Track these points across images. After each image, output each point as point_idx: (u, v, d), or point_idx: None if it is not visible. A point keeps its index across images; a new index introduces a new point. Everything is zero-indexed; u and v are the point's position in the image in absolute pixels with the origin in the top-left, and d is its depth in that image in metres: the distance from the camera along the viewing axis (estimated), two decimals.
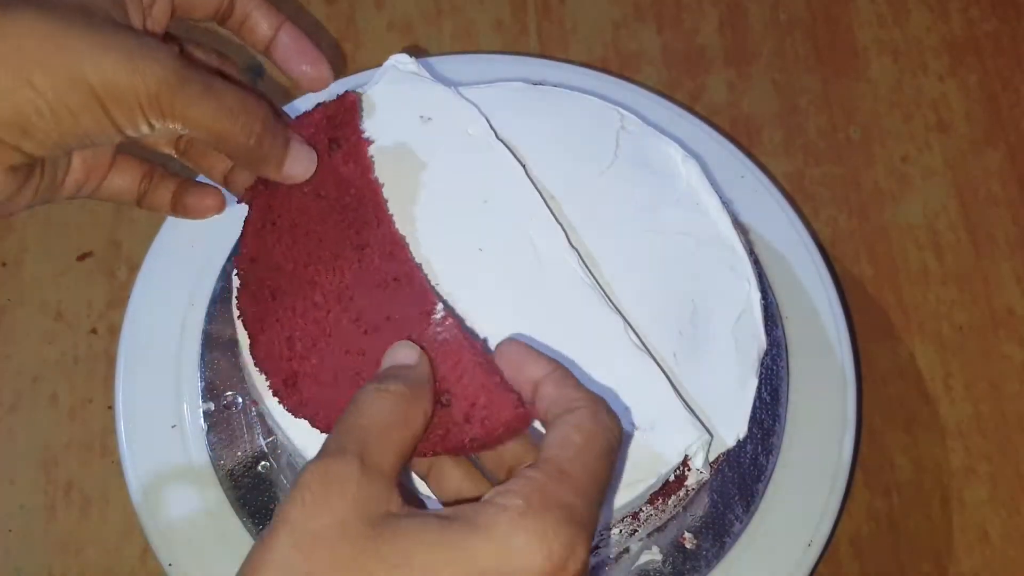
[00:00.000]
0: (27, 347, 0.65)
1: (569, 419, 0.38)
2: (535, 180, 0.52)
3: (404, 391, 0.39)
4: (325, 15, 0.76)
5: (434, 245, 0.50)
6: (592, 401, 0.39)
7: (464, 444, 0.42)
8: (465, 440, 0.42)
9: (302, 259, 0.48)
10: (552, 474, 0.36)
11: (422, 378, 0.41)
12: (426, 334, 0.45)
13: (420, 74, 0.55)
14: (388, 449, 0.37)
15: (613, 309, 0.49)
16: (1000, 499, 0.64)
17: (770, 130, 0.73)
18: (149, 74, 0.40)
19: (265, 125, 0.45)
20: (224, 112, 0.43)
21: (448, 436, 0.42)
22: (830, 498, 0.57)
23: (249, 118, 0.44)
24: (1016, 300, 0.69)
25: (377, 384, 0.39)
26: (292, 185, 0.49)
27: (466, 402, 0.42)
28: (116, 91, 0.40)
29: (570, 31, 0.76)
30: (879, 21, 0.77)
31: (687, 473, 0.48)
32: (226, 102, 0.43)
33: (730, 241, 0.54)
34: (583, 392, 0.39)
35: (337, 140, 0.50)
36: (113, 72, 0.39)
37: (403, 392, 0.39)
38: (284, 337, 0.47)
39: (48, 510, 0.61)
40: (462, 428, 0.42)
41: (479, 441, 0.42)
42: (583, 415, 0.38)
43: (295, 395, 0.46)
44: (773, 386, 0.58)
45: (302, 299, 0.47)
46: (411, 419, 0.39)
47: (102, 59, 0.39)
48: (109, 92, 0.40)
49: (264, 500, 0.55)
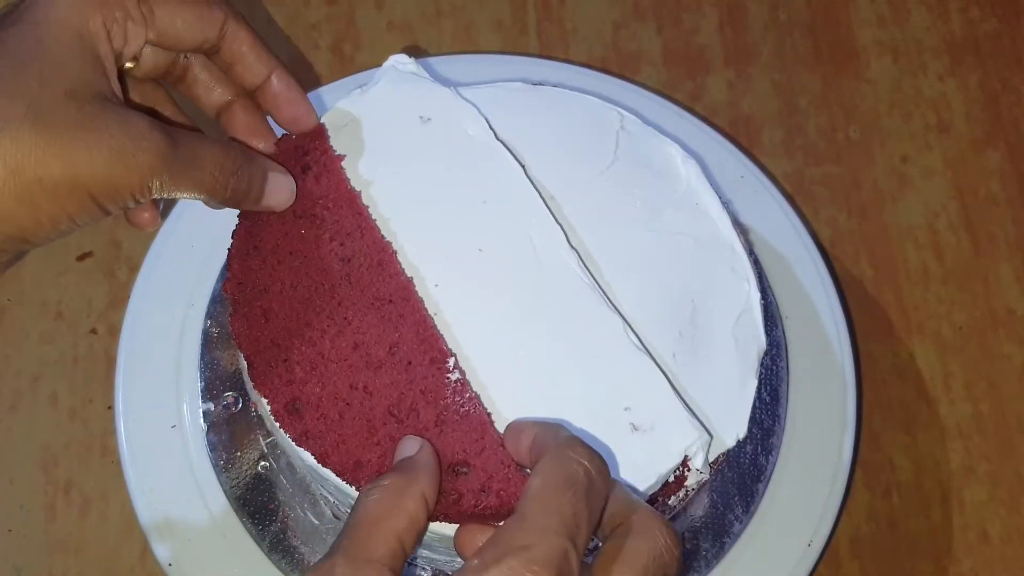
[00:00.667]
0: (27, 347, 0.65)
1: (536, 468, 0.39)
2: (535, 180, 0.52)
3: (397, 482, 0.40)
4: (325, 15, 0.76)
5: (433, 245, 0.50)
6: (558, 443, 0.40)
7: (476, 511, 0.43)
8: (478, 507, 0.43)
9: (289, 279, 0.48)
10: (510, 523, 0.37)
11: (420, 465, 0.42)
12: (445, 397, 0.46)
13: (420, 74, 0.55)
14: (377, 539, 0.38)
15: (613, 309, 0.49)
16: (1000, 499, 0.64)
17: (770, 130, 0.73)
18: (141, 166, 0.41)
19: (242, 171, 0.46)
20: (207, 176, 0.44)
21: (460, 501, 0.43)
22: (830, 498, 0.57)
23: (227, 172, 0.45)
24: (1016, 300, 0.69)
25: (372, 483, 0.40)
26: None
27: (484, 474, 0.44)
28: (111, 189, 0.41)
29: (570, 31, 0.76)
30: (879, 21, 0.77)
31: (687, 473, 0.48)
32: (207, 166, 0.44)
33: (730, 241, 0.53)
34: (554, 439, 0.41)
35: (308, 164, 0.51)
36: (107, 172, 0.40)
37: (395, 483, 0.40)
38: (281, 360, 0.47)
39: (48, 510, 0.61)
40: (476, 496, 0.43)
41: (492, 509, 0.43)
42: (545, 460, 0.39)
43: (298, 424, 0.46)
44: (773, 386, 0.58)
45: (295, 320, 0.48)
46: (404, 507, 0.39)
47: (96, 160, 0.40)
48: (104, 191, 0.40)
49: (264, 500, 0.55)
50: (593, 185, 0.54)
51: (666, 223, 0.53)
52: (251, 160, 0.46)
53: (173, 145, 0.42)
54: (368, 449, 0.45)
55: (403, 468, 0.42)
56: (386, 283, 0.48)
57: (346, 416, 0.46)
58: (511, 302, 0.49)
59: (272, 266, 0.49)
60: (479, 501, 0.43)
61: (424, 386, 0.46)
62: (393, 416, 0.46)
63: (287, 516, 0.55)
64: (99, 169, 0.40)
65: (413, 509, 0.40)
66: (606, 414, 0.47)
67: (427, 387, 0.46)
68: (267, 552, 0.54)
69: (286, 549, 0.54)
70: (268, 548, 0.54)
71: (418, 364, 0.47)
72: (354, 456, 0.45)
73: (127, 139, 0.40)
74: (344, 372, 0.47)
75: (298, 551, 0.54)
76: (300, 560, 0.54)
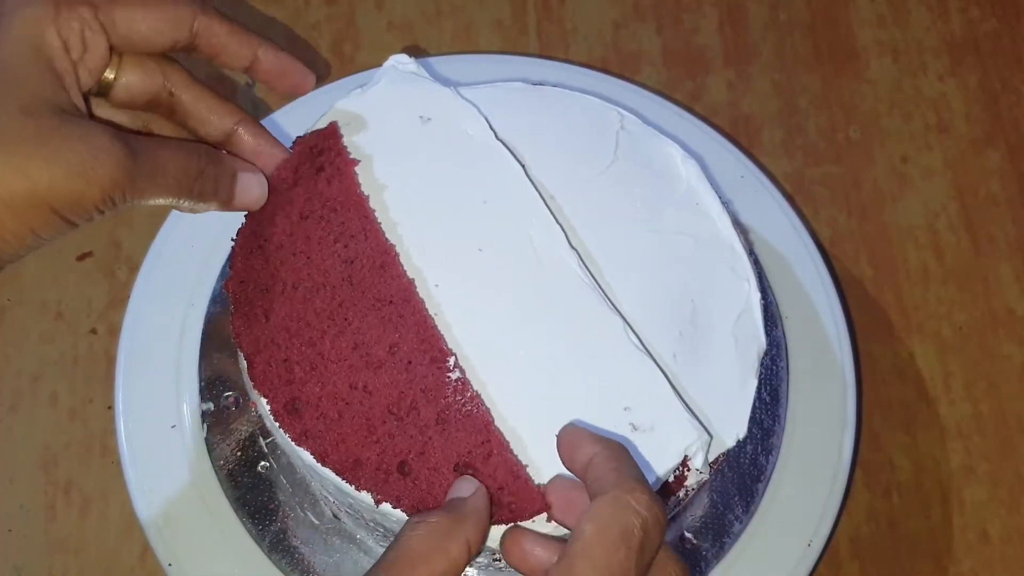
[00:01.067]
0: (27, 347, 0.65)
1: (591, 508, 0.38)
2: (535, 180, 0.52)
3: (443, 523, 0.40)
4: (325, 15, 0.76)
5: (433, 246, 0.50)
6: (619, 484, 0.39)
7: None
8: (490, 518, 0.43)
9: (291, 279, 0.48)
10: (560, 570, 0.37)
11: (472, 509, 0.42)
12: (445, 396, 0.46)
13: (420, 74, 0.55)
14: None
15: (613, 309, 0.49)
16: (1000, 499, 0.64)
17: (770, 130, 0.73)
18: (102, 178, 0.40)
19: (206, 174, 0.45)
20: (171, 182, 0.43)
21: None
22: (830, 498, 0.57)
23: (191, 177, 0.44)
24: (1016, 300, 0.69)
25: (419, 516, 0.40)
26: (277, 209, 0.49)
27: (493, 484, 0.44)
28: (73, 201, 0.40)
29: (570, 31, 0.76)
30: (879, 21, 0.77)
31: (687, 473, 0.48)
32: (171, 172, 0.43)
33: (730, 241, 0.53)
34: (616, 475, 0.39)
35: (322, 165, 0.51)
36: (68, 185, 0.40)
37: (441, 524, 0.40)
38: (281, 360, 0.47)
39: (48, 510, 0.61)
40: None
41: (503, 522, 0.43)
42: (603, 504, 0.38)
43: (298, 424, 0.46)
44: (773, 386, 0.58)
45: (295, 320, 0.48)
46: (447, 550, 0.39)
47: (56, 173, 0.39)
48: (66, 204, 0.40)
49: (264, 500, 0.55)
50: (593, 185, 0.54)
51: (666, 223, 0.53)
52: (218, 162, 0.46)
53: (133, 155, 0.41)
54: (367, 447, 0.45)
55: (453, 509, 0.41)
56: (387, 285, 0.48)
57: (345, 415, 0.46)
58: (511, 302, 0.49)
59: (274, 266, 0.49)
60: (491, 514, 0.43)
61: (424, 385, 0.46)
62: (393, 415, 0.46)
63: (287, 516, 0.55)
64: (59, 183, 0.39)
65: (456, 555, 0.39)
66: (606, 414, 0.47)
67: (427, 386, 0.46)
68: (267, 552, 0.54)
69: (286, 549, 0.54)
70: (268, 548, 0.54)
71: (418, 363, 0.47)
72: (353, 455, 0.45)
73: (86, 152, 0.40)
74: (344, 372, 0.47)
75: (298, 551, 0.54)
76: (300, 560, 0.54)
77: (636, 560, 0.37)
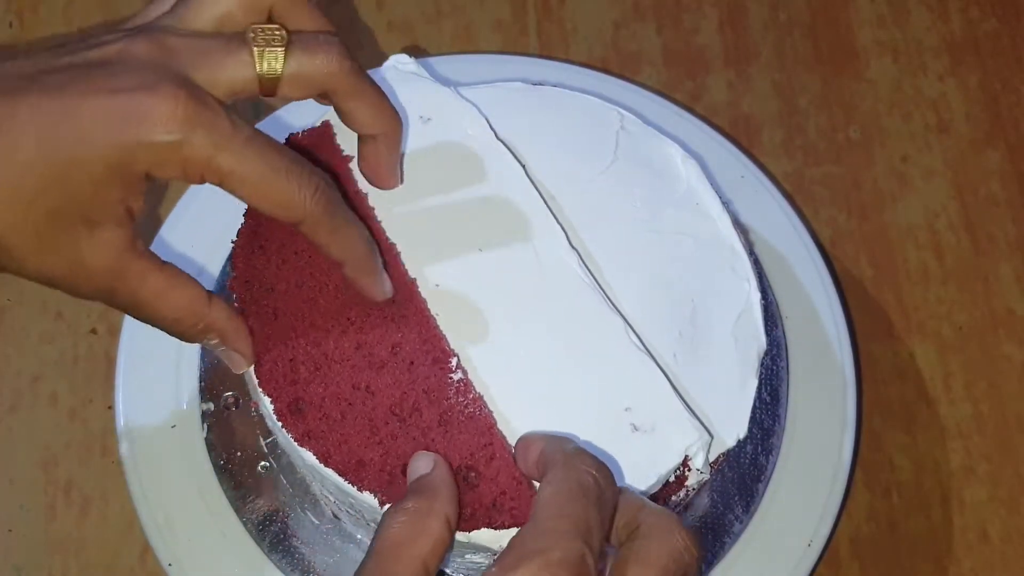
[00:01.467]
0: (27, 347, 0.65)
1: (545, 478, 0.40)
2: (535, 180, 0.52)
3: (419, 505, 0.41)
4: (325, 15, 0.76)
5: (434, 245, 0.50)
6: (566, 454, 0.41)
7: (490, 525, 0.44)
8: (491, 524, 0.43)
9: (294, 279, 0.48)
10: (524, 530, 0.38)
11: (438, 484, 0.42)
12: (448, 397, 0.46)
13: (420, 74, 0.55)
14: (402, 564, 0.39)
15: (613, 309, 0.49)
16: (1000, 499, 0.64)
17: (770, 130, 0.73)
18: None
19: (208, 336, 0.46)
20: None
21: (474, 517, 0.44)
22: (830, 498, 0.57)
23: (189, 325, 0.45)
24: (1016, 300, 0.69)
25: (394, 506, 0.41)
26: None
27: (496, 488, 0.44)
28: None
29: (570, 31, 0.76)
30: (879, 21, 0.77)
31: (687, 473, 0.48)
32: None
33: (730, 241, 0.54)
34: (561, 450, 0.42)
35: (318, 164, 0.51)
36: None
37: (418, 507, 0.41)
38: (287, 359, 0.47)
39: (48, 510, 0.61)
40: (489, 512, 0.44)
41: (504, 527, 0.44)
42: (555, 470, 0.40)
43: (300, 424, 0.46)
44: (773, 386, 0.58)
45: (300, 320, 0.48)
46: (427, 529, 0.40)
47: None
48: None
49: (264, 500, 0.55)
50: (593, 185, 0.54)
51: (666, 223, 0.53)
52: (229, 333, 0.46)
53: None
54: (370, 448, 0.45)
55: (422, 489, 0.42)
56: None
57: (348, 416, 0.46)
58: (511, 302, 0.49)
59: (277, 265, 0.49)
60: (492, 519, 0.43)
61: (426, 386, 0.46)
62: (395, 415, 0.46)
63: (287, 516, 0.55)
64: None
65: (437, 532, 0.40)
66: (607, 414, 0.47)
67: (429, 387, 0.46)
68: (267, 552, 0.54)
69: (286, 549, 0.54)
70: (268, 548, 0.54)
71: (420, 364, 0.47)
72: (356, 455, 0.45)
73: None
74: (347, 372, 0.47)
75: (298, 551, 0.54)
76: (300, 560, 0.54)
77: (596, 508, 0.39)
